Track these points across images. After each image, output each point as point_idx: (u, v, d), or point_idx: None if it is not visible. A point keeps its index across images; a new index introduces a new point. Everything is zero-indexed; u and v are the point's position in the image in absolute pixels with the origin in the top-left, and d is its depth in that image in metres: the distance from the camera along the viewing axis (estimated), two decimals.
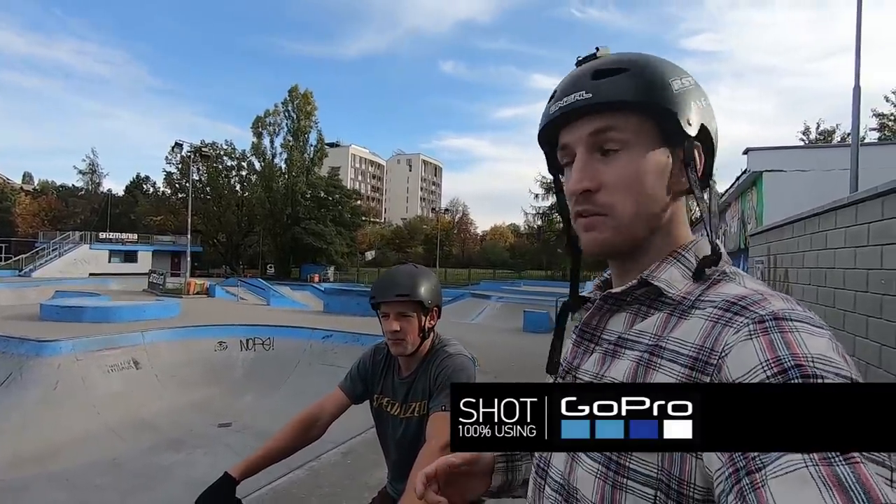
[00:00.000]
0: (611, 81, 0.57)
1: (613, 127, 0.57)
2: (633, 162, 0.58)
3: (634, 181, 0.58)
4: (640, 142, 0.58)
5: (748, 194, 11.28)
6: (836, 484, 0.34)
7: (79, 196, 49.78)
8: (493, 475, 0.76)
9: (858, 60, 7.75)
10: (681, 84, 0.58)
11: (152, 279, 23.34)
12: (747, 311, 0.49)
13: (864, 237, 2.88)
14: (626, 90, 0.57)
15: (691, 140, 0.58)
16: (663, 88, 0.57)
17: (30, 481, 5.31)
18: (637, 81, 0.57)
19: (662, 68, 0.59)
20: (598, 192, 0.58)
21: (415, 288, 1.45)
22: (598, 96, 0.57)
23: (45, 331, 8.70)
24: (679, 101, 0.57)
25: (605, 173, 0.58)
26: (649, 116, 0.58)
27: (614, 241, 0.60)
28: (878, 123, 26.16)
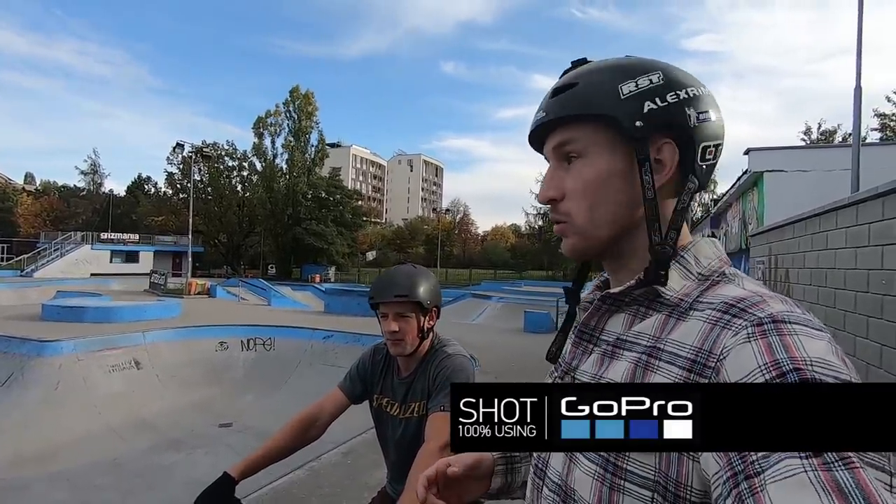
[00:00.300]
0: (562, 98, 0.61)
1: (570, 139, 0.61)
2: (586, 169, 0.60)
3: (588, 187, 0.60)
4: (595, 149, 0.60)
5: (749, 195, 11.27)
6: (836, 489, 0.34)
7: (80, 196, 49.88)
8: (492, 478, 0.76)
9: (859, 61, 7.74)
10: (633, 87, 0.58)
11: (153, 279, 23.36)
12: (746, 314, 0.49)
13: (865, 237, 2.88)
14: (571, 105, 0.60)
15: (642, 142, 0.57)
16: (608, 96, 0.58)
17: (31, 481, 5.31)
18: (582, 94, 0.59)
19: (615, 74, 0.59)
20: (561, 200, 0.62)
21: (413, 288, 1.45)
22: (549, 114, 0.61)
23: (47, 331, 8.72)
24: (626, 106, 0.57)
25: (567, 182, 0.61)
26: (602, 124, 0.59)
27: (580, 245, 0.62)
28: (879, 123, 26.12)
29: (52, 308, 11.52)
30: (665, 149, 0.59)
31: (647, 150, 0.57)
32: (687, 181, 0.60)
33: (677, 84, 0.58)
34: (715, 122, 0.60)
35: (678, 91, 0.58)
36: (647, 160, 0.57)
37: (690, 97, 0.58)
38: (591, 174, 0.60)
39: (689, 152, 0.59)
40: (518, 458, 0.79)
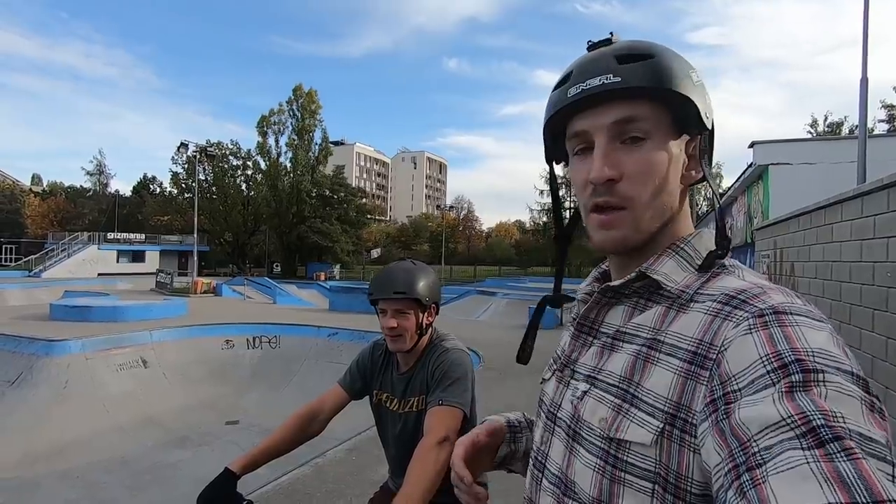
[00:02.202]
0: (640, 66, 0.55)
1: (639, 115, 0.56)
2: (654, 152, 0.56)
3: (656, 172, 0.56)
4: (660, 132, 0.57)
5: (754, 188, 11.19)
6: (838, 479, 0.33)
7: (87, 197, 50.19)
8: (500, 446, 0.78)
9: (866, 51, 7.65)
10: (697, 77, 0.58)
11: (160, 279, 23.48)
12: (747, 305, 0.48)
13: (871, 230, 2.85)
14: (656, 77, 0.55)
15: (708, 132, 0.58)
16: (686, 78, 0.56)
17: (41, 478, 5.37)
18: (665, 69, 0.55)
19: (682, 62, 0.58)
20: (619, 181, 0.56)
21: (412, 285, 1.45)
22: (629, 81, 0.54)
23: (55, 330, 8.80)
24: (698, 92, 0.57)
25: (628, 163, 0.56)
26: (667, 106, 0.56)
27: (631, 238, 0.58)
28: (886, 115, 25.89)
29: (60, 308, 11.61)
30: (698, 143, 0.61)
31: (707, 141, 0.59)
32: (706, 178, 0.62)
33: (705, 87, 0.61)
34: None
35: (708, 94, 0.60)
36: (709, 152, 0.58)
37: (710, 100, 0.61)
38: (659, 158, 0.56)
39: (708, 151, 0.61)
40: (519, 426, 0.81)
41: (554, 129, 0.63)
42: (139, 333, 8.71)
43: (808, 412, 0.37)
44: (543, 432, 0.66)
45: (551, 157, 0.68)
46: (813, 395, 0.39)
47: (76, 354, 7.57)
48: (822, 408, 0.38)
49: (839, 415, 0.37)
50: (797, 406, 0.38)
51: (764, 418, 0.39)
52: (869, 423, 0.37)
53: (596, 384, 0.58)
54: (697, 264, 0.58)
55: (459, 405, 1.36)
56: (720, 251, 0.57)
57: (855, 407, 0.38)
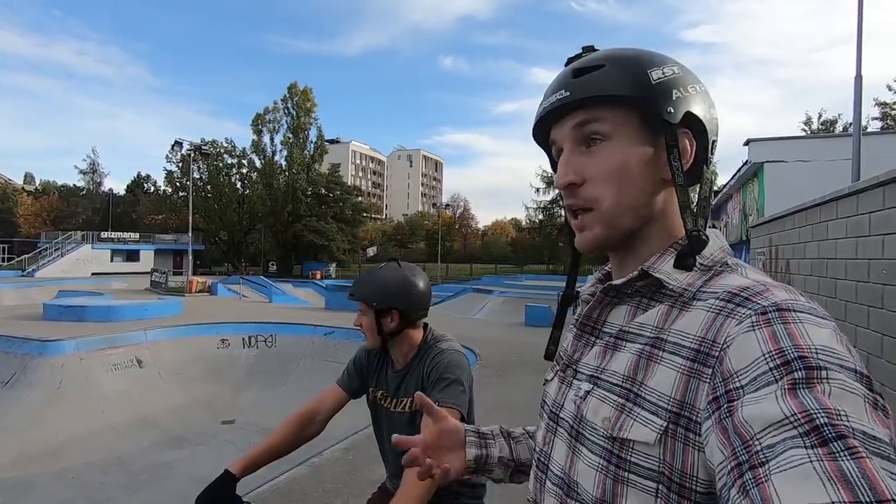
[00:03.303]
0: (589, 78, 0.58)
1: (595, 119, 0.59)
2: (615, 152, 0.58)
3: (617, 172, 0.58)
4: (623, 133, 0.58)
5: (749, 186, 11.24)
6: (841, 479, 0.33)
7: (80, 196, 49.86)
8: (466, 448, 0.78)
9: (860, 49, 7.68)
10: (661, 74, 0.58)
11: (154, 278, 23.36)
12: (749, 302, 0.48)
13: (866, 227, 2.86)
14: (601, 85, 0.58)
15: (673, 128, 0.58)
16: (639, 79, 0.57)
17: (36, 479, 5.34)
18: (613, 75, 0.58)
19: (641, 60, 0.59)
20: (582, 185, 0.59)
21: (365, 289, 1.51)
22: (576, 93, 0.58)
23: (49, 330, 8.73)
24: (658, 91, 0.57)
25: (589, 166, 0.59)
26: (631, 108, 0.58)
27: (604, 235, 0.60)
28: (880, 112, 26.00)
29: (54, 307, 11.53)
30: (684, 138, 0.59)
31: (677, 136, 0.58)
32: (702, 172, 0.61)
33: (693, 78, 0.61)
34: (716, 119, 0.62)
35: (694, 84, 0.60)
36: (677, 146, 0.58)
37: (702, 92, 0.61)
38: (619, 158, 0.58)
39: (702, 144, 0.60)
40: (488, 434, 0.82)
41: (545, 140, 0.67)
42: (134, 333, 8.65)
43: (811, 410, 0.37)
44: (546, 433, 0.65)
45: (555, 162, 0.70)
46: (816, 393, 0.38)
47: (70, 354, 7.51)
48: (826, 405, 0.37)
49: (842, 413, 0.37)
50: (800, 404, 0.38)
51: (767, 416, 0.39)
52: (872, 421, 0.37)
53: (599, 384, 0.58)
54: (700, 263, 0.58)
55: (457, 406, 1.36)
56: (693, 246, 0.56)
57: (858, 404, 0.38)
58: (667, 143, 0.58)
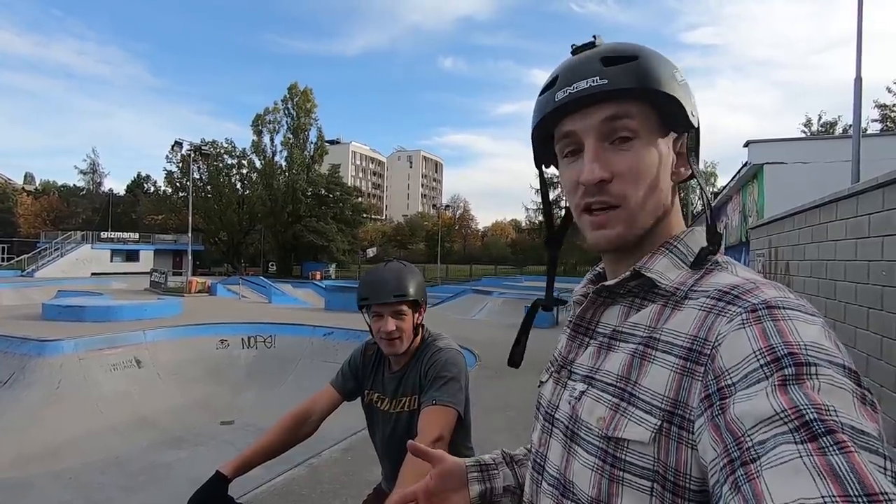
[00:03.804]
0: (625, 68, 0.56)
1: (626, 115, 0.56)
2: (645, 151, 0.57)
3: (647, 171, 0.57)
4: (650, 131, 0.58)
5: (749, 187, 11.24)
6: (831, 473, 0.33)
7: (80, 196, 49.88)
8: (469, 486, 0.74)
9: (860, 51, 7.69)
10: (681, 76, 0.59)
11: (154, 278, 23.38)
12: (740, 300, 0.49)
13: (865, 228, 2.86)
14: (641, 78, 0.55)
15: (695, 131, 0.59)
16: (671, 78, 0.57)
17: (34, 479, 5.33)
18: (649, 70, 0.56)
19: (667, 59, 0.59)
20: (611, 181, 0.57)
21: (409, 287, 1.45)
22: (614, 83, 0.55)
23: (48, 330, 8.73)
24: (683, 91, 0.58)
25: (618, 163, 0.57)
26: (654, 106, 0.57)
27: (626, 234, 0.58)
28: (880, 114, 26.04)
29: (53, 307, 11.53)
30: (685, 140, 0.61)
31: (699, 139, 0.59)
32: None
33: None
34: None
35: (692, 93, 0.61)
36: (697, 149, 0.59)
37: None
38: (650, 157, 0.57)
39: (695, 149, 0.61)
40: (493, 465, 0.78)
41: (543, 132, 0.64)
42: (133, 333, 8.65)
43: (800, 406, 0.38)
44: (541, 434, 0.66)
45: (541, 161, 0.69)
46: (806, 389, 0.39)
47: (69, 354, 7.51)
48: (815, 401, 0.38)
49: (831, 408, 0.37)
50: (790, 400, 0.38)
51: (758, 412, 0.39)
52: (861, 416, 0.37)
53: (593, 384, 0.58)
54: (691, 261, 0.58)
55: (453, 405, 1.35)
56: (711, 247, 0.58)
57: (847, 399, 0.38)
58: (687, 146, 0.59)
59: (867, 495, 0.32)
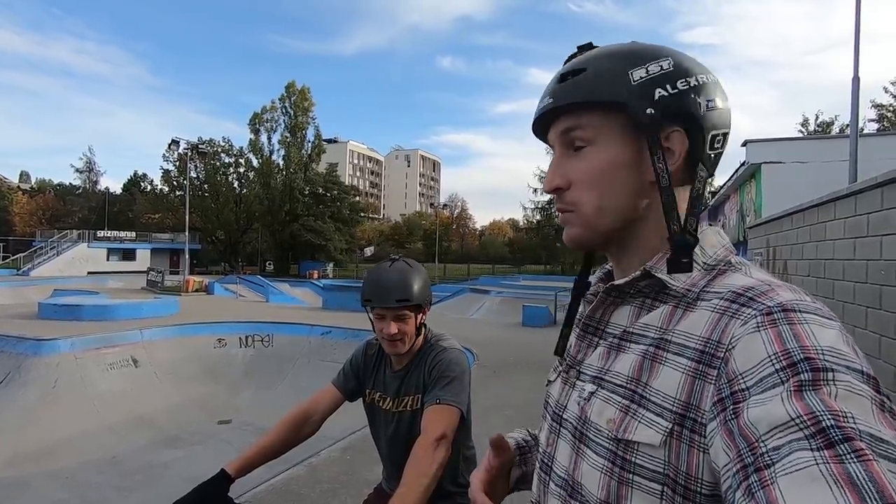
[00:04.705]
0: (570, 83, 0.59)
1: (577, 125, 0.59)
2: (596, 157, 0.58)
3: (597, 176, 0.58)
4: (605, 137, 0.58)
5: (747, 186, 11.27)
6: (848, 482, 0.33)
7: (76, 194, 49.70)
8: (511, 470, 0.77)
9: (857, 50, 7.71)
10: (644, 73, 0.56)
11: (151, 277, 23.27)
12: (754, 303, 0.47)
13: (864, 228, 2.87)
14: (580, 91, 0.58)
15: (655, 130, 0.56)
16: (618, 83, 0.56)
17: (30, 479, 5.31)
18: (592, 80, 0.57)
19: (624, 60, 0.57)
20: (567, 189, 0.60)
21: (412, 291, 1.43)
22: (557, 101, 0.59)
23: (44, 329, 8.69)
24: (637, 93, 0.55)
25: (573, 171, 0.60)
26: (611, 111, 0.57)
27: (584, 235, 0.61)
28: (876, 114, 26.15)
29: (49, 306, 11.47)
30: (674, 137, 0.57)
31: (659, 138, 0.56)
32: (696, 170, 0.58)
33: (687, 71, 0.57)
34: (723, 109, 0.59)
35: (688, 78, 0.57)
36: (660, 148, 0.56)
37: (700, 84, 0.57)
38: (600, 163, 0.58)
39: (698, 140, 0.57)
40: (528, 445, 0.81)
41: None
42: (130, 332, 8.62)
43: (817, 412, 0.37)
44: (549, 434, 0.65)
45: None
46: (822, 395, 0.38)
47: (65, 353, 7.48)
48: (832, 407, 0.37)
49: (849, 415, 0.36)
50: (806, 406, 0.37)
51: (772, 418, 0.38)
52: (879, 424, 0.36)
53: (603, 385, 0.57)
54: (703, 262, 0.57)
55: (457, 404, 1.35)
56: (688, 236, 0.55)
57: (865, 406, 0.37)
58: (649, 145, 0.56)
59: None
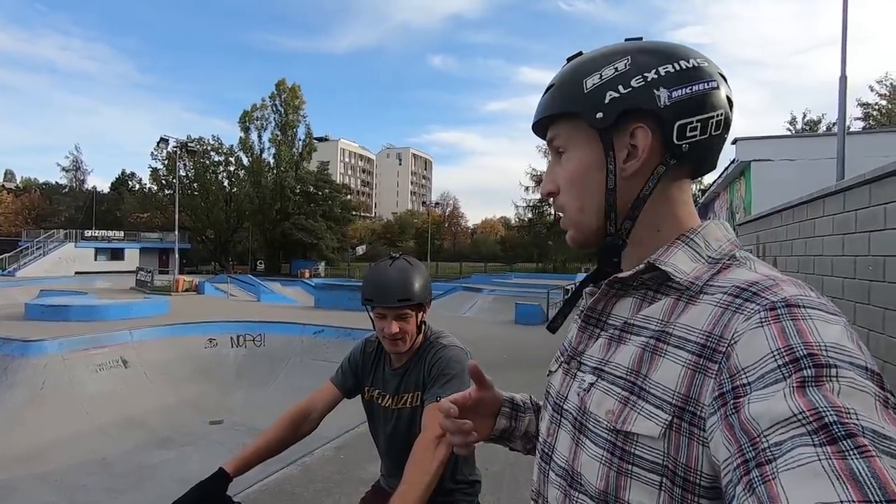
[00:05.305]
0: (548, 97, 0.64)
1: (556, 134, 0.64)
2: (570, 162, 0.63)
3: (574, 179, 0.63)
4: (574, 144, 0.62)
5: (737, 184, 11.38)
6: (850, 477, 0.32)
7: (63, 193, 49.02)
8: (497, 417, 0.81)
9: (844, 49, 7.80)
10: (597, 79, 0.59)
11: (140, 277, 23.03)
12: (758, 298, 0.47)
13: (852, 224, 2.91)
14: (550, 104, 0.63)
15: (605, 132, 0.59)
16: (574, 92, 0.60)
17: (18, 482, 5.22)
18: (557, 94, 0.62)
19: (581, 71, 0.61)
20: (558, 193, 0.65)
21: (414, 290, 1.42)
22: (537, 113, 0.66)
23: (31, 330, 8.55)
24: (588, 100, 0.59)
25: (558, 177, 0.65)
26: (576, 119, 0.61)
27: (578, 237, 0.65)
28: (862, 113, 26.56)
29: (36, 307, 11.31)
30: (638, 133, 0.58)
31: (611, 139, 0.59)
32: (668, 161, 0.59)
33: (645, 66, 0.58)
34: (698, 95, 0.57)
35: (646, 73, 0.57)
36: (611, 149, 0.59)
37: (661, 76, 0.57)
38: (572, 168, 0.62)
39: (665, 133, 0.57)
40: (524, 406, 0.84)
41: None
42: (119, 333, 8.50)
43: (820, 408, 0.37)
44: (550, 424, 0.65)
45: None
46: (825, 391, 0.38)
47: (53, 354, 7.36)
48: (835, 404, 0.37)
49: (852, 411, 0.36)
50: (809, 402, 0.37)
51: (774, 413, 0.38)
52: (883, 420, 0.36)
53: (603, 376, 0.57)
54: (708, 255, 0.57)
55: None
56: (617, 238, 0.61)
57: (868, 403, 0.37)
58: (603, 147, 0.59)
59: (888, 501, 0.31)
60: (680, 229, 0.60)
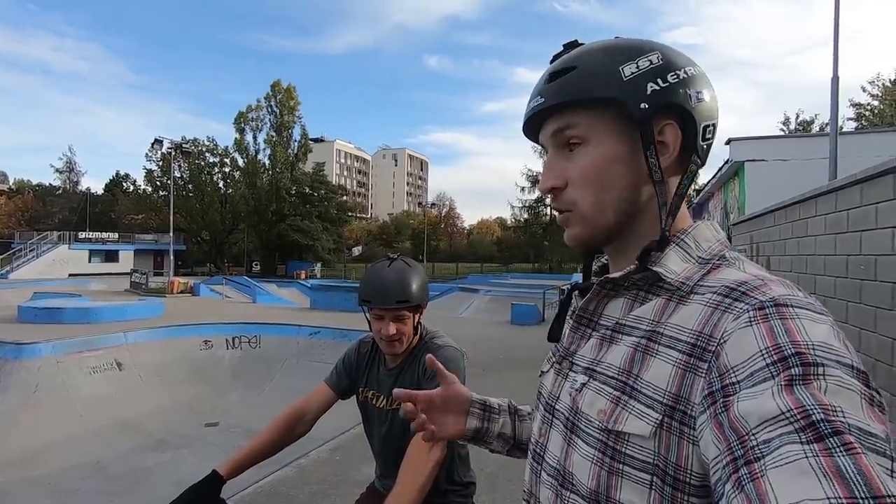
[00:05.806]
0: (561, 82, 0.59)
1: (570, 124, 0.59)
2: (590, 155, 0.59)
3: (592, 173, 0.58)
4: (598, 135, 0.58)
5: (730, 184, 11.43)
6: (837, 474, 0.33)
7: (56, 195, 48.73)
8: (468, 417, 0.81)
9: (837, 50, 7.84)
10: (635, 67, 0.57)
11: (134, 279, 22.92)
12: (747, 297, 0.48)
13: (844, 224, 2.93)
14: (571, 89, 0.58)
15: (649, 124, 0.56)
16: (610, 79, 0.57)
17: (12, 486, 5.18)
18: (583, 78, 0.58)
19: (614, 56, 0.58)
20: (564, 188, 0.60)
21: (411, 290, 1.42)
22: (549, 100, 0.59)
23: (24, 333, 8.50)
24: (629, 88, 0.56)
25: (569, 170, 0.60)
26: (605, 108, 0.58)
27: (585, 234, 0.61)
28: (855, 113, 26.72)
29: (29, 310, 11.23)
30: (667, 130, 0.58)
31: (653, 132, 0.57)
32: (689, 162, 0.59)
33: (676, 64, 0.58)
34: (711, 101, 0.59)
35: (677, 71, 0.58)
36: (653, 143, 0.57)
37: (688, 77, 0.58)
38: (595, 160, 0.58)
39: (691, 132, 0.58)
40: (495, 409, 0.85)
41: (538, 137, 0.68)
42: (113, 335, 8.46)
43: (807, 406, 0.37)
44: (542, 425, 0.66)
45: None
46: (812, 389, 0.38)
47: (47, 357, 7.32)
48: (822, 402, 0.37)
49: (839, 409, 0.37)
50: (796, 400, 0.38)
51: (763, 412, 0.39)
52: (868, 418, 0.37)
53: (595, 376, 0.57)
54: (698, 255, 0.57)
55: None
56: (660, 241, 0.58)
57: (854, 401, 0.38)
58: (643, 140, 0.57)
59: (874, 498, 0.31)
60: (675, 229, 0.60)
